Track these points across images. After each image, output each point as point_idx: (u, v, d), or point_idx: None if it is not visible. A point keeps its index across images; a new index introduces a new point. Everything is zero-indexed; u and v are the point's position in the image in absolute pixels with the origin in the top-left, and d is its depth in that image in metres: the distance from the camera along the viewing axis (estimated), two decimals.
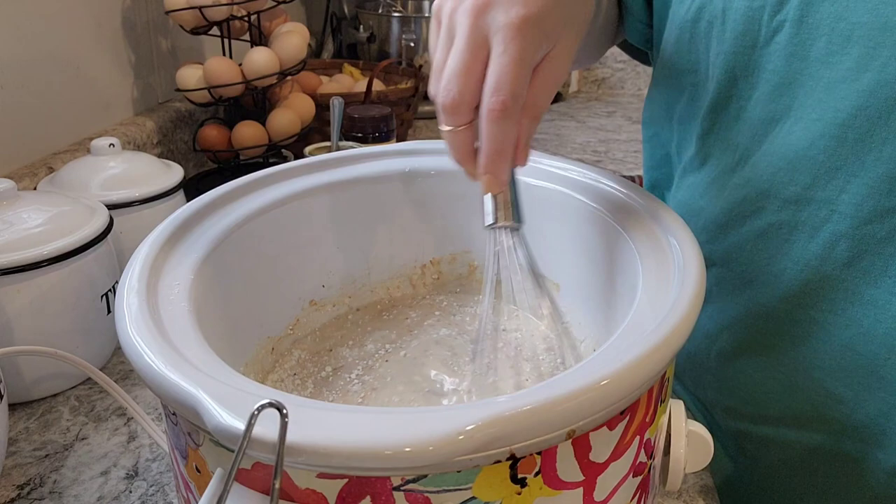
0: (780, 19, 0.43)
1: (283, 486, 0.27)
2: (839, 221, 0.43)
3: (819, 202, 0.43)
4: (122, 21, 0.91)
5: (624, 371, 0.28)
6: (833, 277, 0.44)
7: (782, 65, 0.43)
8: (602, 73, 1.54)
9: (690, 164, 0.52)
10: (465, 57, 0.36)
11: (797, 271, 0.45)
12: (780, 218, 0.45)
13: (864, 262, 0.43)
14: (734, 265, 0.49)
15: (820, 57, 0.42)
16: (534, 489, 0.29)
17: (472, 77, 0.35)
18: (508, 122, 0.35)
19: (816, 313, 0.45)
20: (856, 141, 0.41)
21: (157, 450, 0.51)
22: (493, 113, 0.35)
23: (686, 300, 0.33)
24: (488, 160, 0.36)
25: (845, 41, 0.41)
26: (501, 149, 0.36)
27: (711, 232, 0.50)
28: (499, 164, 0.36)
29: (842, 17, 0.41)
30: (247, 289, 0.43)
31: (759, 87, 0.45)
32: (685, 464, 0.36)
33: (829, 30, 0.41)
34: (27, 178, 0.71)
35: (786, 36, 0.43)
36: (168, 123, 0.95)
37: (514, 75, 0.35)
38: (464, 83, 0.36)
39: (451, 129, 0.37)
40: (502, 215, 0.38)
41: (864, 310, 0.43)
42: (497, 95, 0.35)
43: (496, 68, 0.35)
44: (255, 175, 0.46)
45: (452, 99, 0.36)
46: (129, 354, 0.31)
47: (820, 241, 0.44)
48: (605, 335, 0.42)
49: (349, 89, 1.09)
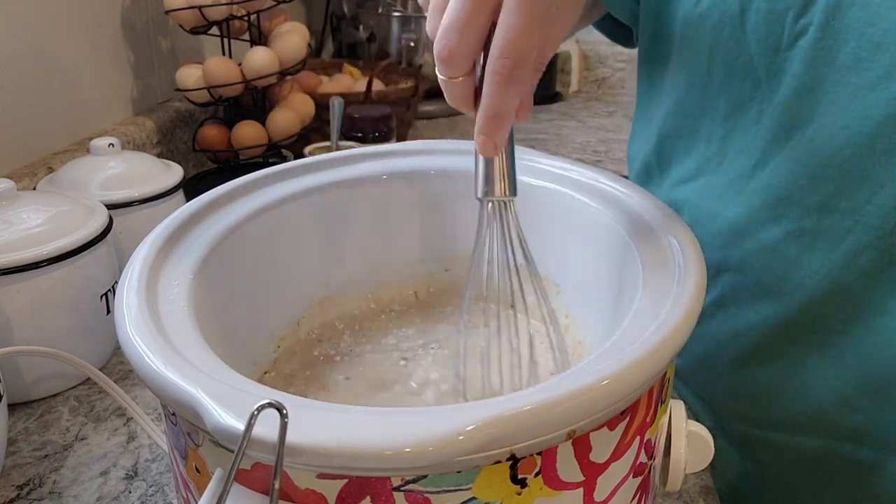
0: (805, 23, 0.42)
1: (283, 486, 0.27)
2: (863, 232, 0.42)
3: (843, 211, 0.42)
4: (121, 21, 0.91)
5: (624, 371, 0.28)
6: (854, 288, 0.43)
7: (805, 69, 0.42)
8: (602, 73, 1.54)
9: (706, 166, 0.51)
10: (466, 8, 0.33)
11: (817, 280, 0.44)
12: (801, 226, 0.44)
13: (887, 272, 0.42)
14: (750, 272, 0.48)
15: (847, 63, 0.40)
16: (534, 489, 0.28)
17: (475, 29, 0.33)
18: (515, 87, 0.33)
19: (835, 323, 0.44)
20: (884, 151, 0.40)
21: (156, 450, 0.51)
22: (498, 76, 0.33)
23: (686, 300, 0.33)
24: (487, 123, 0.34)
25: (875, 48, 0.39)
26: (503, 113, 0.34)
27: (727, 237, 0.49)
28: (499, 128, 0.34)
29: (871, 23, 0.39)
30: (246, 289, 0.43)
31: (781, 90, 0.44)
32: (685, 464, 0.36)
33: (857, 35, 0.40)
34: (27, 178, 0.71)
35: (810, 40, 0.42)
36: (168, 123, 0.95)
37: (527, 39, 0.32)
38: (464, 35, 0.33)
39: (446, 78, 0.35)
40: (496, 186, 0.36)
41: (884, 320, 0.43)
42: (506, 59, 0.32)
43: (507, 27, 0.32)
44: (254, 175, 0.46)
45: (449, 51, 0.33)
46: (129, 354, 0.31)
47: (842, 251, 0.43)
48: (606, 335, 0.42)
49: (349, 89, 1.09)
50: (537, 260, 0.41)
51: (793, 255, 0.45)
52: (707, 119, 0.50)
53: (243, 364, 0.42)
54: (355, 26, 1.37)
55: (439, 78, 0.35)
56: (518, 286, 0.39)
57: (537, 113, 1.38)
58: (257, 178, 0.46)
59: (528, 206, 0.46)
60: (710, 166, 0.51)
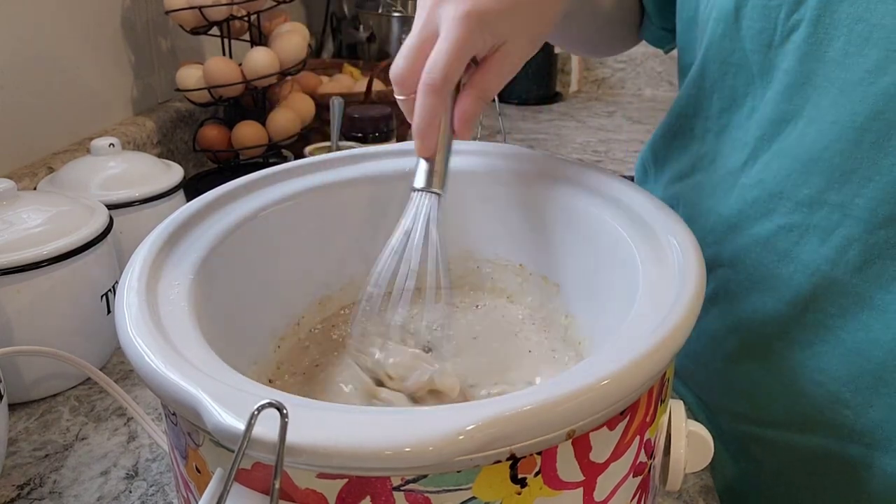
0: (797, 18, 0.42)
1: (283, 486, 0.27)
2: (852, 225, 0.42)
3: (832, 205, 0.43)
4: (121, 21, 0.91)
5: (624, 371, 0.28)
6: (843, 282, 0.44)
7: (797, 64, 0.43)
8: (602, 73, 1.54)
9: (700, 163, 0.52)
10: (415, 41, 0.42)
11: (807, 275, 0.45)
12: (792, 220, 0.45)
13: (875, 266, 0.42)
14: (742, 267, 0.48)
15: (836, 58, 0.41)
16: (534, 489, 0.28)
17: (418, 58, 0.41)
18: (436, 97, 0.40)
19: (825, 317, 0.45)
20: (872, 145, 0.41)
21: (156, 450, 0.51)
22: (423, 87, 0.40)
23: (686, 300, 0.33)
24: (417, 127, 0.41)
25: (863, 42, 0.40)
26: (429, 119, 0.41)
27: (719, 233, 0.49)
28: (426, 132, 0.41)
29: (861, 18, 0.40)
30: (247, 289, 0.43)
31: (773, 86, 0.44)
32: (685, 464, 0.36)
33: (847, 31, 0.40)
34: (27, 178, 0.71)
35: (802, 35, 0.42)
36: (168, 123, 0.95)
37: (448, 59, 0.40)
38: (409, 62, 0.42)
39: (399, 97, 0.43)
40: (428, 181, 0.42)
41: (873, 315, 0.43)
42: (430, 74, 0.40)
43: (435, 52, 0.40)
44: (254, 175, 0.46)
45: (398, 74, 0.42)
46: (129, 354, 0.31)
47: (832, 245, 0.43)
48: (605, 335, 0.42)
49: (349, 89, 1.09)
50: (537, 260, 0.41)
51: (784, 249, 0.46)
52: (701, 117, 0.51)
53: (243, 364, 0.42)
54: (355, 26, 1.37)
55: (396, 97, 0.43)
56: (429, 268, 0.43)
57: (537, 113, 1.38)
58: (257, 178, 0.46)
59: (528, 206, 0.46)
60: (704, 163, 0.51)
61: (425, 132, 0.41)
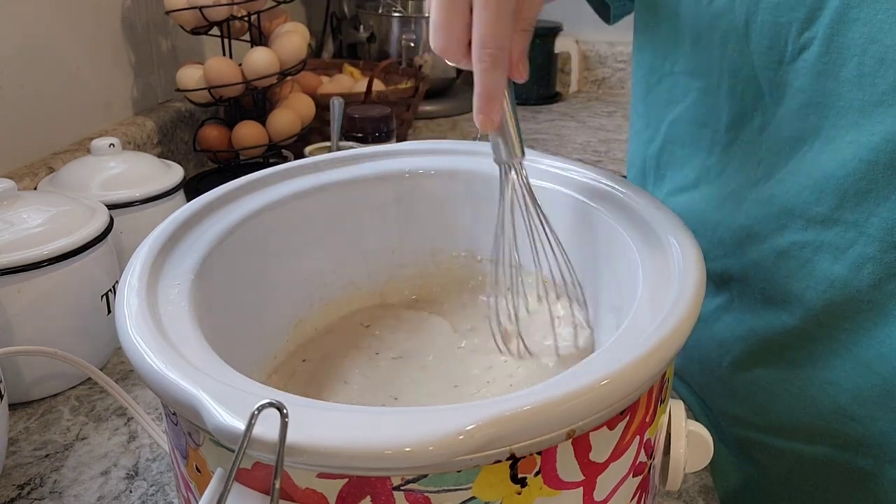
0: (809, 36, 0.42)
1: (283, 485, 0.27)
2: (867, 244, 0.42)
3: (846, 224, 0.43)
4: (121, 21, 0.91)
5: (624, 371, 0.28)
6: (857, 299, 0.43)
7: (810, 83, 0.42)
8: (602, 73, 1.54)
9: (706, 175, 0.51)
10: (446, 13, 0.38)
11: (820, 291, 0.45)
12: (805, 238, 0.45)
13: (890, 284, 0.42)
14: (753, 281, 0.48)
15: (851, 78, 0.41)
16: (534, 489, 0.29)
17: (454, 28, 0.38)
18: (501, 69, 0.38)
19: (838, 332, 0.45)
20: (887, 165, 0.40)
21: (157, 450, 0.51)
22: (482, 64, 0.38)
23: (686, 300, 0.33)
24: (481, 103, 0.39)
25: (878, 64, 0.40)
26: (493, 93, 0.38)
27: (728, 247, 0.49)
28: (491, 107, 0.39)
29: (874, 39, 0.39)
30: (247, 289, 0.43)
31: (785, 103, 0.44)
32: (685, 464, 0.36)
33: (860, 51, 0.40)
34: (27, 178, 0.71)
35: (814, 54, 0.42)
36: (168, 123, 0.95)
37: (500, 27, 0.37)
38: (447, 36, 0.39)
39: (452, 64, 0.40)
40: (503, 151, 0.41)
41: (886, 331, 0.43)
42: (486, 49, 0.37)
43: (482, 24, 0.37)
44: (254, 175, 0.46)
45: (442, 49, 0.39)
46: (130, 354, 0.31)
47: (845, 263, 0.43)
48: (606, 335, 0.42)
49: (349, 89, 1.09)
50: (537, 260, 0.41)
51: (796, 265, 0.45)
52: (709, 129, 0.51)
53: (243, 364, 0.42)
54: (355, 26, 1.37)
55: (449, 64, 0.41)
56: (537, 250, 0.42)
57: (537, 113, 1.38)
58: (257, 179, 0.46)
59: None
60: (710, 176, 0.51)
61: (490, 107, 0.39)
